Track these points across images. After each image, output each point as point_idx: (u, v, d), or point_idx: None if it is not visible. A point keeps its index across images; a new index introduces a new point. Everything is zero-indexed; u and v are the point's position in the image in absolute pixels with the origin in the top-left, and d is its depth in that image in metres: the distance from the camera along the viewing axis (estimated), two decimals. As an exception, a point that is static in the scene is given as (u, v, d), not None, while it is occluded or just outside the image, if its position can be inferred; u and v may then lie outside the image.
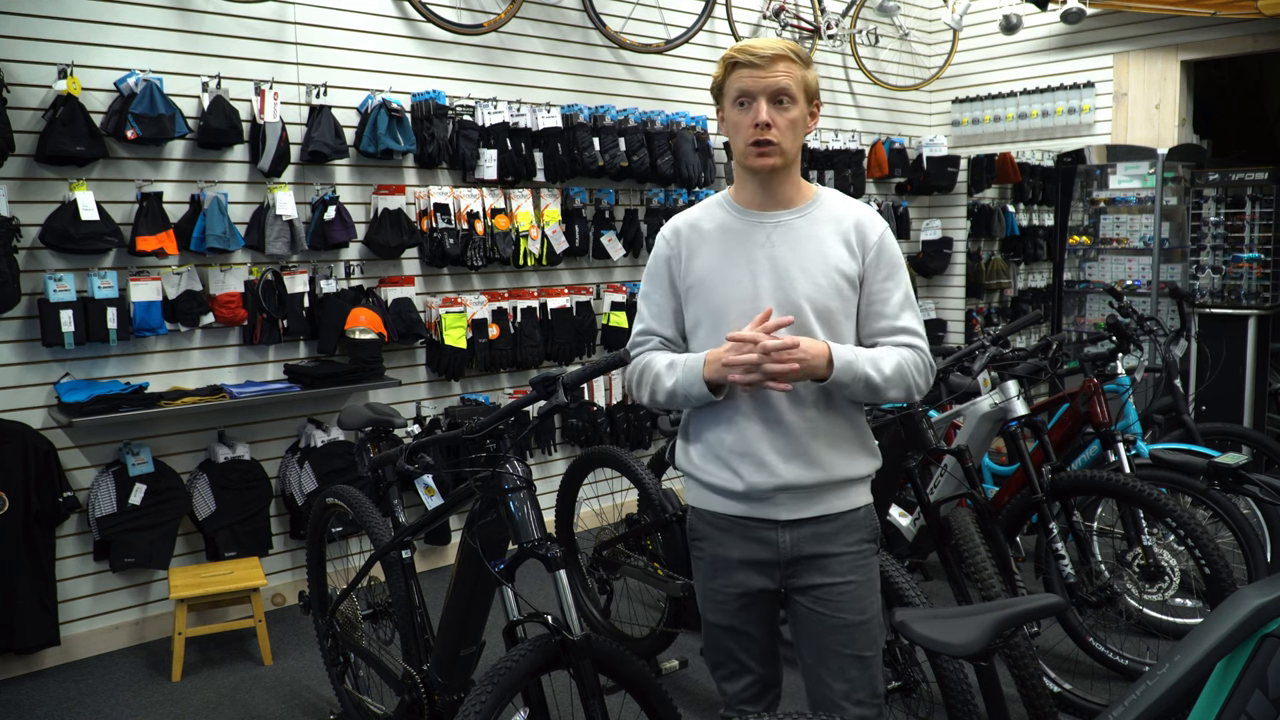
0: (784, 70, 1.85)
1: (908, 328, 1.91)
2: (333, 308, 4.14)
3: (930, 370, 1.93)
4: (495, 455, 2.10)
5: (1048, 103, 6.29)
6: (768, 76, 1.84)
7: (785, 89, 1.85)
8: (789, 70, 1.85)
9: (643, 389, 1.99)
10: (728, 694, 2.06)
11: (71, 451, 3.67)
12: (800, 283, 1.87)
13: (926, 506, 3.02)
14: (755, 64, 1.84)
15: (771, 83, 1.84)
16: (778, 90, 1.84)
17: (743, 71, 1.86)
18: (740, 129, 1.88)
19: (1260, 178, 5.49)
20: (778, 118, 1.85)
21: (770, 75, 1.84)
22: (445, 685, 2.37)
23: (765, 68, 1.84)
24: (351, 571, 2.93)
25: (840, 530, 1.92)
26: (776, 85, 1.84)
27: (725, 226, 1.95)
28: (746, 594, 1.95)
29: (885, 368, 1.85)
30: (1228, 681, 1.43)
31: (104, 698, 3.40)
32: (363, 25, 4.33)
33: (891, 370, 1.85)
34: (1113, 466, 3.45)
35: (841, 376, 1.81)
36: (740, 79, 1.86)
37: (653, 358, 1.99)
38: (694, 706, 3.19)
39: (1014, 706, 2.65)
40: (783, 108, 1.86)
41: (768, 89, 1.84)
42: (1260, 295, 5.47)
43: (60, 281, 3.50)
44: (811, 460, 1.88)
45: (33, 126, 3.51)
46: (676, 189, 5.33)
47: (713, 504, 1.97)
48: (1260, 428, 5.34)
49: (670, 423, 3.35)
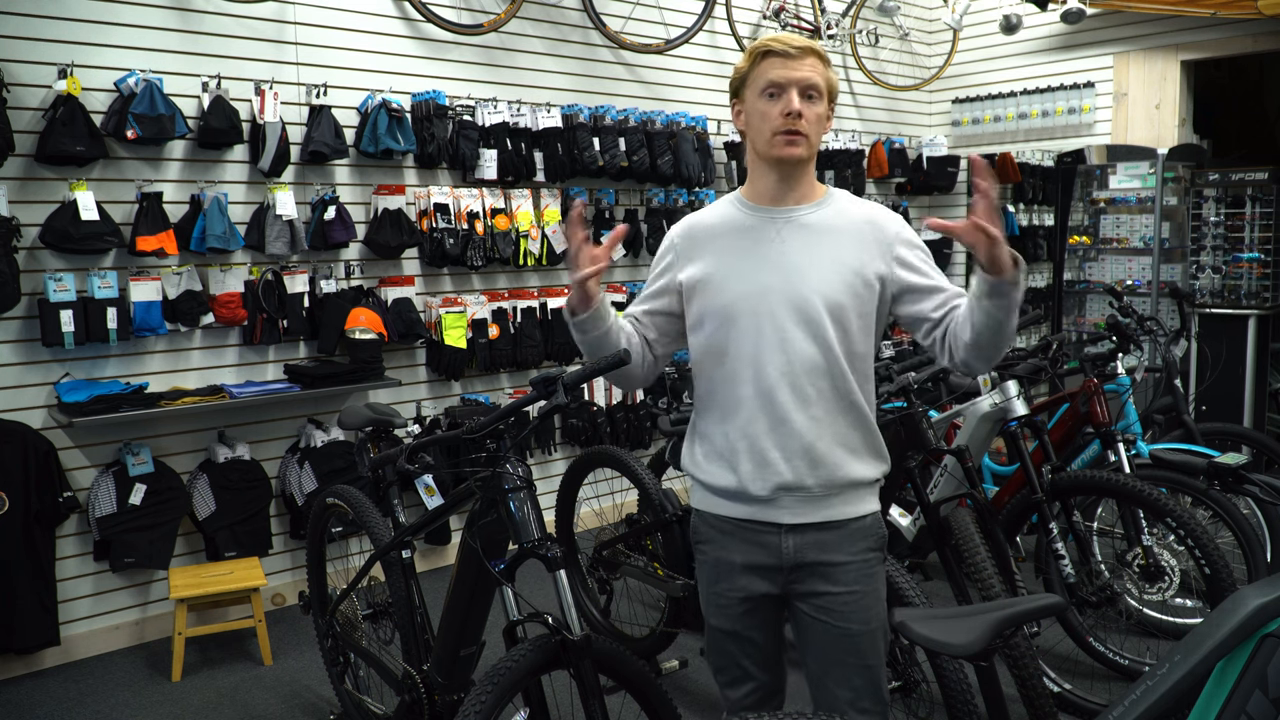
0: (813, 66, 1.85)
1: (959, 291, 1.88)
2: (333, 308, 4.15)
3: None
4: (495, 455, 2.10)
5: (1048, 103, 6.29)
6: (800, 69, 1.84)
7: (815, 84, 1.85)
8: (816, 67, 1.86)
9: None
10: (730, 699, 2.03)
11: (71, 451, 3.67)
12: (811, 277, 1.86)
13: (926, 506, 3.02)
14: (789, 54, 1.84)
15: (803, 76, 1.84)
16: (809, 84, 1.85)
17: (775, 61, 1.85)
18: (769, 118, 1.86)
19: (1260, 178, 5.50)
20: (806, 110, 1.85)
21: (801, 68, 1.84)
22: (445, 685, 2.37)
23: (797, 60, 1.84)
24: (351, 571, 2.93)
25: (845, 538, 1.88)
26: (808, 79, 1.84)
27: (735, 224, 1.94)
28: (749, 598, 1.93)
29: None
30: (1228, 681, 1.43)
31: (104, 698, 3.40)
32: (363, 25, 4.34)
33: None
34: (1113, 466, 3.45)
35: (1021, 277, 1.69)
36: (771, 69, 1.85)
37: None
38: (694, 706, 3.19)
39: (1014, 706, 2.65)
40: (811, 102, 1.86)
41: (800, 81, 1.84)
42: (1260, 295, 5.47)
43: (60, 281, 3.50)
44: (816, 460, 1.85)
45: (33, 126, 3.51)
46: (676, 189, 5.33)
47: (716, 506, 1.95)
48: (1260, 428, 5.34)
49: (670, 423, 3.35)
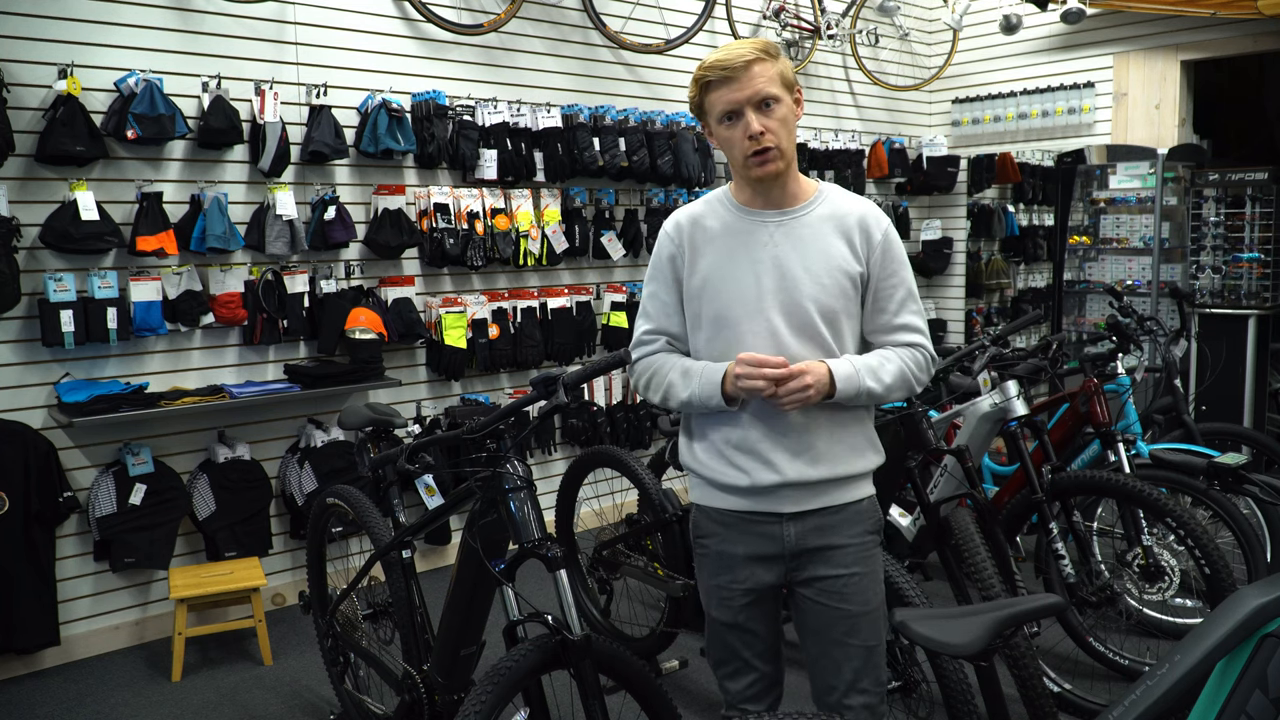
0: (760, 73, 1.80)
1: (908, 325, 1.93)
2: (333, 308, 4.14)
3: (931, 364, 1.96)
4: (496, 455, 2.10)
5: (1048, 103, 6.29)
6: (747, 86, 1.80)
7: (767, 94, 1.81)
8: (764, 71, 1.81)
9: (653, 392, 1.98)
10: (730, 692, 2.06)
11: (71, 451, 3.67)
12: (805, 284, 1.86)
13: (926, 506, 3.02)
14: (730, 77, 1.80)
15: (753, 91, 1.80)
16: (761, 98, 1.81)
17: (719, 88, 1.82)
18: (734, 144, 1.84)
19: (1260, 178, 5.49)
20: (768, 121, 1.81)
21: (749, 84, 1.80)
22: (445, 685, 2.37)
23: (742, 78, 1.80)
24: (351, 571, 2.93)
25: (844, 522, 1.93)
26: (759, 93, 1.80)
27: (728, 226, 1.93)
28: (753, 590, 1.96)
29: (885, 376, 1.88)
30: (1228, 681, 1.43)
31: (104, 698, 3.40)
32: (363, 25, 4.33)
33: (892, 378, 1.89)
34: (1113, 466, 3.45)
35: (845, 393, 1.84)
36: (720, 96, 1.82)
37: (664, 361, 1.97)
38: (694, 706, 3.19)
39: (1014, 706, 2.65)
40: (770, 110, 1.82)
41: (750, 99, 1.80)
42: (1260, 295, 5.47)
43: (60, 281, 3.50)
44: (816, 457, 1.89)
45: (33, 126, 3.51)
46: (676, 189, 5.33)
47: (717, 500, 1.97)
48: (1260, 428, 5.34)
49: (670, 423, 3.35)
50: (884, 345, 1.94)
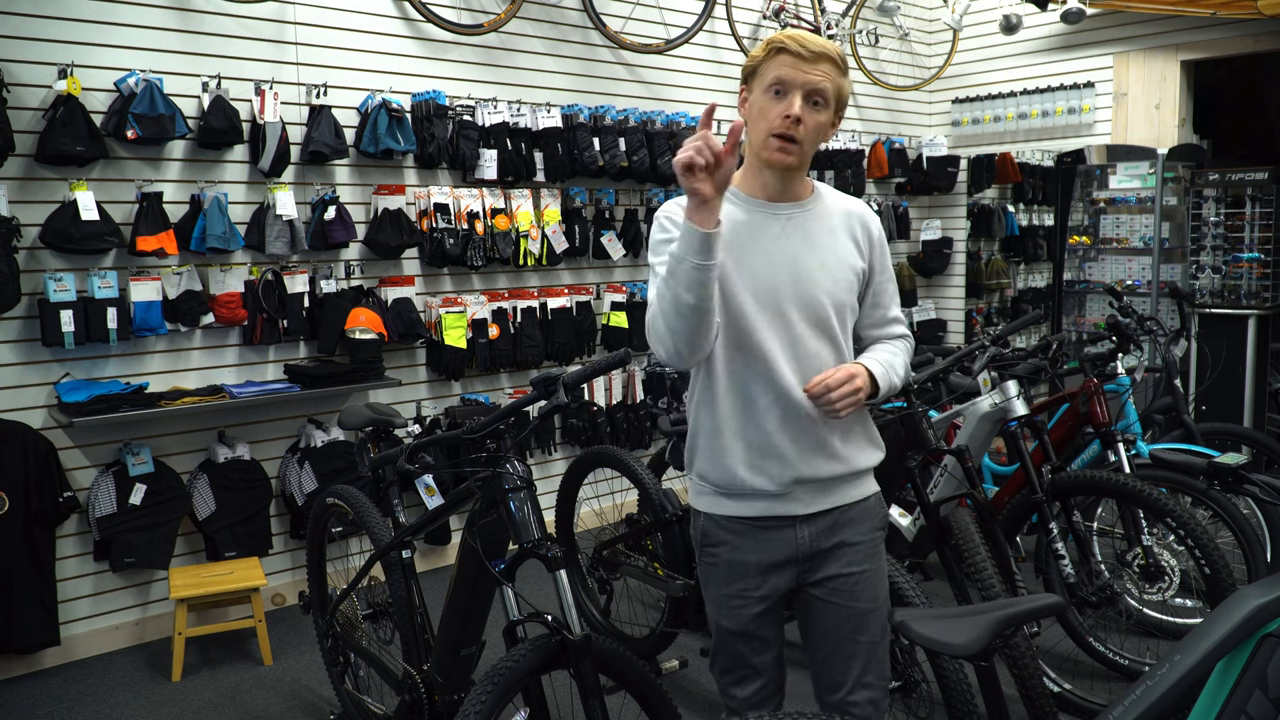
0: (825, 71, 1.81)
1: (898, 318, 2.05)
2: (333, 308, 4.14)
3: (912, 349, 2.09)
4: (495, 455, 2.10)
5: (1048, 103, 6.29)
6: (810, 72, 1.80)
7: (823, 90, 1.82)
8: (829, 73, 1.82)
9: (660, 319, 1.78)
10: (737, 699, 2.02)
11: (71, 451, 3.67)
12: (819, 278, 1.88)
13: (926, 506, 3.02)
14: (801, 55, 1.80)
15: (812, 80, 1.81)
16: (816, 89, 1.81)
17: (786, 59, 1.81)
18: (767, 116, 1.83)
19: (1260, 178, 5.49)
20: (807, 117, 1.81)
21: (812, 72, 1.80)
22: (445, 685, 2.37)
23: (809, 62, 1.80)
24: (351, 571, 2.93)
25: (854, 519, 1.95)
26: (816, 84, 1.81)
27: (734, 218, 1.88)
28: (766, 597, 1.94)
29: (900, 370, 1.97)
30: (1228, 681, 1.43)
31: (104, 698, 3.40)
32: (363, 25, 4.33)
33: (904, 371, 1.98)
34: (1113, 466, 3.45)
35: (882, 392, 1.90)
36: (782, 66, 1.82)
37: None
38: (694, 706, 3.19)
39: (1014, 706, 2.65)
40: (815, 109, 1.83)
41: (806, 84, 1.81)
42: (1260, 295, 5.47)
43: (60, 281, 3.50)
44: (829, 454, 1.90)
45: (33, 126, 3.51)
46: (676, 189, 5.33)
47: (725, 508, 1.93)
48: (1260, 428, 5.34)
49: (670, 423, 3.34)
50: (879, 339, 2.02)
